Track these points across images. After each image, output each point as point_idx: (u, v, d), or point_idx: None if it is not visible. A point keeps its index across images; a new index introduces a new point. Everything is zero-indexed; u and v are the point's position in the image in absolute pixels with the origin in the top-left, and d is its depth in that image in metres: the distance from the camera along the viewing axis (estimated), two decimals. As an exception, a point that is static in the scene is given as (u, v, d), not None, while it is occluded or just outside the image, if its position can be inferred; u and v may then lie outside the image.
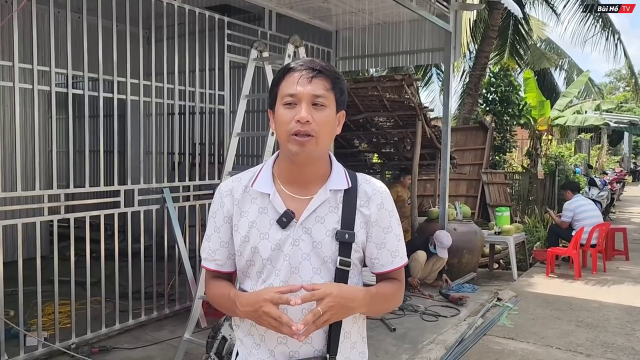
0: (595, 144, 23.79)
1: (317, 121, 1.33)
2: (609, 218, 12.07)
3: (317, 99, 1.34)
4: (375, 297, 1.40)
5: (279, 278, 1.37)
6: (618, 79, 44.72)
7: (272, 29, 5.99)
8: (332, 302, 1.27)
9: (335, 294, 1.28)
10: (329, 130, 1.38)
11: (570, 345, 4.43)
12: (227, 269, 1.48)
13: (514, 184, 11.54)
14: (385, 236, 1.43)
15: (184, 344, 3.86)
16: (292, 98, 1.34)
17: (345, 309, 1.31)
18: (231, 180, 1.48)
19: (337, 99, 1.39)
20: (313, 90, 1.33)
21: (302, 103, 1.33)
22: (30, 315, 4.23)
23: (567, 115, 14.67)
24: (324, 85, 1.35)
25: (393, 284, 1.48)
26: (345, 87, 1.41)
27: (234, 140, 4.12)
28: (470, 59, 14.52)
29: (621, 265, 7.67)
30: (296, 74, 1.35)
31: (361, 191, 1.43)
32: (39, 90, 3.79)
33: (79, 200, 4.17)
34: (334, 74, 1.38)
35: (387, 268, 1.45)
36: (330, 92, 1.36)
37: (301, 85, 1.33)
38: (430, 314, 5.08)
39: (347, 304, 1.31)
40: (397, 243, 1.46)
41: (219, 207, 1.46)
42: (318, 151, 1.36)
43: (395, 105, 6.85)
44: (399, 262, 1.46)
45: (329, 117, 1.36)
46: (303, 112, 1.32)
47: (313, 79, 1.34)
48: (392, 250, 1.45)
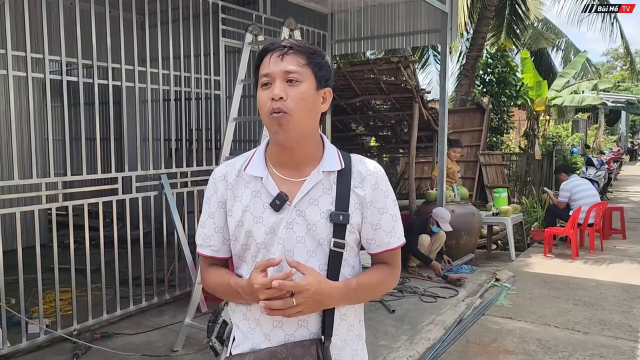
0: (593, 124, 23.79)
1: (290, 97, 1.31)
2: (606, 197, 12.12)
3: (290, 75, 1.32)
4: (356, 290, 1.38)
5: None
6: (615, 58, 44.56)
7: (267, 12, 5.94)
8: (308, 297, 1.27)
9: (313, 290, 1.27)
10: (307, 107, 1.34)
11: (567, 324, 4.48)
12: (223, 254, 1.47)
13: (511, 165, 11.55)
14: (381, 217, 1.42)
15: (185, 328, 3.89)
16: (267, 78, 1.33)
17: (319, 305, 1.31)
18: (224, 165, 1.47)
19: (316, 74, 1.35)
20: (285, 66, 1.32)
21: (276, 81, 1.32)
22: (32, 303, 4.25)
23: (564, 96, 14.62)
24: (297, 61, 1.33)
25: (383, 270, 1.46)
26: (325, 63, 1.38)
27: (231, 125, 4.11)
28: (467, 40, 14.43)
29: (618, 244, 7.72)
30: (269, 54, 1.35)
31: (355, 172, 1.41)
32: (33, 78, 3.76)
33: (76, 188, 4.17)
34: (308, 49, 1.36)
35: (383, 248, 1.44)
36: (305, 67, 1.34)
37: (274, 64, 1.33)
38: (429, 295, 5.12)
39: (322, 301, 1.31)
40: (392, 223, 1.44)
41: (212, 193, 1.45)
42: (297, 128, 1.33)
43: (392, 88, 6.83)
44: (395, 242, 1.45)
45: (305, 93, 1.33)
46: (276, 89, 1.31)
47: (284, 56, 1.33)
48: (388, 231, 1.43)
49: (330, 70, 1.41)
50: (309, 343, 1.35)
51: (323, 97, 1.40)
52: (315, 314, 1.37)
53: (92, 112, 4.22)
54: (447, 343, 4.07)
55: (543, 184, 10.66)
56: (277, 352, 1.34)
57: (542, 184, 10.68)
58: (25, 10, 3.62)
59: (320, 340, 1.36)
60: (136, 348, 3.90)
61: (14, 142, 3.67)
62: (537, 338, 4.17)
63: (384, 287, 1.49)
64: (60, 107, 4.20)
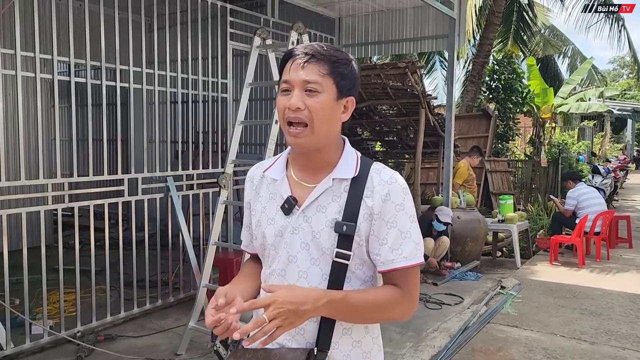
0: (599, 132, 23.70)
1: (309, 107, 1.28)
2: (612, 206, 12.04)
3: (309, 85, 1.28)
4: (343, 303, 1.25)
5: (279, 265, 1.37)
6: (621, 66, 44.42)
7: (275, 16, 5.94)
8: (279, 308, 1.16)
9: (282, 300, 1.16)
10: (326, 117, 1.30)
11: (574, 333, 4.44)
12: (252, 250, 1.53)
13: (517, 172, 11.51)
14: (388, 231, 1.31)
15: (189, 332, 3.87)
16: (287, 85, 1.31)
17: (296, 314, 1.18)
18: (255, 167, 1.51)
19: (338, 84, 1.31)
20: (305, 75, 1.28)
21: (295, 90, 1.30)
22: (36, 303, 4.24)
23: (570, 103, 14.60)
24: (319, 71, 1.29)
25: (387, 291, 1.32)
26: (349, 72, 1.33)
27: (238, 128, 4.10)
28: (474, 46, 14.41)
29: (625, 253, 7.66)
30: (291, 59, 1.32)
31: (369, 181, 1.34)
32: (42, 79, 3.77)
33: (82, 189, 4.17)
34: (332, 57, 1.30)
35: (387, 267, 1.31)
36: (326, 77, 1.29)
37: (294, 71, 1.30)
38: (434, 301, 5.09)
39: (297, 308, 1.18)
40: (400, 240, 1.31)
41: (245, 193, 1.52)
42: (315, 141, 1.30)
43: (398, 93, 6.81)
44: (400, 262, 1.30)
45: (324, 103, 1.29)
46: (293, 98, 1.29)
47: (306, 64, 1.29)
48: (393, 248, 1.30)
49: (355, 79, 1.36)
50: (301, 352, 1.30)
51: (345, 106, 1.36)
52: (313, 323, 1.31)
53: (100, 114, 4.22)
54: (452, 351, 4.04)
55: (549, 192, 10.61)
56: (272, 354, 1.30)
57: (548, 192, 10.64)
58: (35, 11, 3.62)
59: (311, 351, 1.30)
60: (140, 351, 3.89)
61: (21, 143, 3.68)
62: (543, 347, 4.13)
63: (386, 310, 1.32)
64: (68, 108, 4.20)
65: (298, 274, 1.34)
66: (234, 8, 5.23)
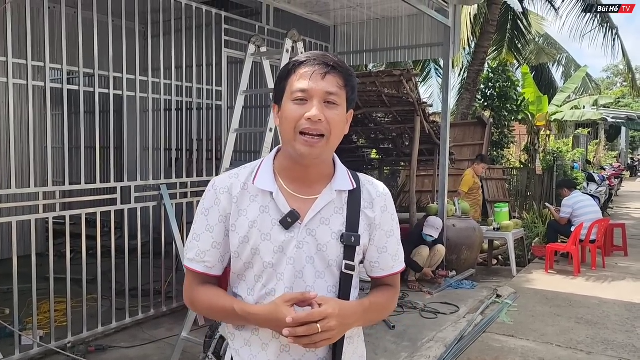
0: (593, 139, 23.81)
1: (329, 120, 1.26)
2: (607, 214, 12.06)
3: (330, 97, 1.26)
4: (369, 310, 1.36)
5: (283, 283, 1.29)
6: (615, 74, 44.73)
7: (270, 23, 5.94)
8: (334, 323, 1.21)
9: (337, 314, 1.22)
10: (340, 130, 1.31)
11: (570, 343, 4.41)
12: (216, 272, 1.37)
13: (512, 180, 11.52)
14: (388, 240, 1.40)
15: (181, 342, 3.82)
16: (304, 94, 1.26)
17: (345, 327, 1.27)
18: (227, 177, 1.36)
19: (349, 98, 1.32)
20: (326, 87, 1.26)
21: (314, 100, 1.25)
22: (27, 313, 4.18)
23: (564, 111, 14.66)
24: (337, 83, 1.27)
25: (387, 291, 1.43)
26: (356, 85, 1.34)
27: (232, 136, 4.07)
28: (469, 54, 14.47)
29: (620, 261, 7.65)
30: (308, 68, 1.27)
31: (365, 193, 1.38)
32: (34, 86, 3.73)
33: (74, 198, 4.12)
34: (347, 70, 1.31)
35: (387, 272, 1.42)
36: (343, 89, 1.29)
37: (314, 81, 1.25)
38: (429, 311, 5.06)
39: (347, 323, 1.27)
40: (397, 247, 1.43)
41: (213, 205, 1.34)
42: (327, 152, 1.31)
43: (393, 101, 6.81)
44: (399, 266, 1.43)
45: (341, 116, 1.29)
46: (315, 110, 1.24)
47: (327, 75, 1.26)
48: (393, 255, 1.41)
49: (356, 93, 1.38)
50: None
51: (347, 119, 1.36)
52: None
53: (93, 121, 4.18)
54: (448, 361, 4.00)
55: (544, 199, 10.62)
56: None
57: (543, 199, 10.64)
58: (27, 18, 3.59)
59: None
60: (131, 362, 3.84)
61: (12, 151, 3.63)
62: (539, 357, 4.10)
63: (388, 309, 1.46)
64: (60, 116, 4.17)
65: (305, 289, 1.30)
66: (229, 16, 5.22)
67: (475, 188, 7.70)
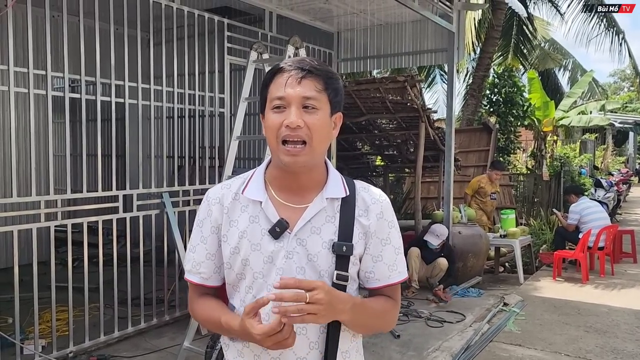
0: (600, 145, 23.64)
1: (309, 125, 1.23)
2: (616, 220, 11.93)
3: (308, 101, 1.23)
4: (362, 308, 1.28)
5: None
6: (622, 79, 44.51)
7: (273, 30, 5.92)
8: (322, 295, 1.14)
9: (327, 289, 1.16)
10: (323, 135, 1.27)
11: (579, 352, 4.33)
12: (213, 283, 1.37)
13: (518, 186, 11.43)
14: (383, 248, 1.33)
15: (183, 352, 3.78)
16: (281, 101, 1.24)
17: (332, 309, 1.17)
18: (220, 187, 1.37)
19: (332, 100, 1.28)
20: (303, 91, 1.23)
21: (292, 106, 1.23)
22: (29, 322, 4.15)
23: (571, 116, 14.55)
24: (315, 86, 1.24)
25: (386, 300, 1.36)
26: (340, 87, 1.30)
27: (234, 143, 4.05)
28: (474, 59, 14.43)
29: (629, 268, 7.55)
30: (285, 74, 1.25)
31: (359, 200, 1.33)
32: (35, 95, 3.72)
33: (76, 206, 4.10)
34: (327, 73, 1.27)
35: (383, 283, 1.34)
36: (322, 93, 1.25)
37: (290, 87, 1.23)
38: (435, 319, 4.99)
39: (335, 304, 1.18)
40: (395, 256, 1.35)
41: (206, 216, 1.35)
42: (313, 159, 1.26)
43: (398, 107, 6.77)
44: (396, 277, 1.35)
45: (322, 120, 1.25)
46: (292, 116, 1.22)
47: (302, 79, 1.23)
48: (389, 264, 1.34)
49: (343, 94, 1.33)
50: None
51: (334, 122, 1.32)
52: (315, 352, 1.28)
53: (95, 129, 4.17)
54: (454, 371, 3.94)
55: (551, 205, 10.52)
56: None
57: (550, 205, 10.55)
58: (29, 26, 3.59)
59: None
60: (133, 372, 3.80)
61: (13, 159, 3.62)
62: (547, 367, 4.02)
63: (385, 319, 1.38)
64: (62, 124, 4.16)
65: None
66: (232, 23, 5.21)
67: (482, 193, 7.63)
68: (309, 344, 1.27)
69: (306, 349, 1.27)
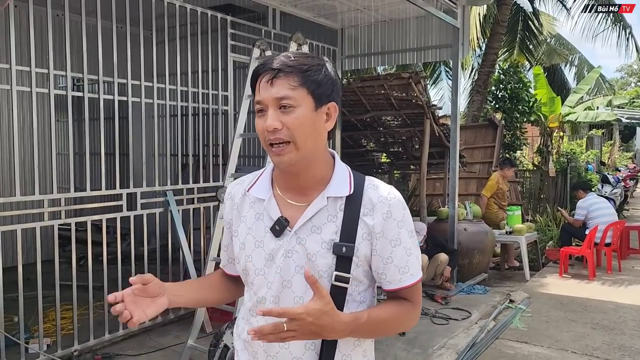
0: (607, 140, 23.47)
1: (287, 125, 1.20)
2: (623, 216, 11.84)
3: (282, 101, 1.20)
4: (366, 325, 1.22)
5: (271, 292, 1.27)
6: (629, 74, 44.13)
7: (277, 27, 5.89)
8: (303, 326, 1.12)
9: (310, 321, 1.12)
10: (308, 131, 1.21)
11: (586, 349, 4.29)
12: (228, 271, 1.47)
13: (524, 182, 11.35)
14: (393, 249, 1.26)
15: (187, 350, 3.78)
16: (260, 105, 1.23)
17: (316, 335, 1.16)
18: (235, 183, 1.42)
19: (314, 93, 1.22)
20: (275, 92, 1.20)
21: (269, 109, 1.21)
22: (34, 321, 4.16)
23: (578, 112, 14.45)
24: (289, 84, 1.20)
25: (401, 305, 1.30)
26: (324, 77, 1.23)
27: (237, 141, 4.03)
28: (480, 55, 14.35)
29: (637, 265, 7.49)
30: (260, 77, 1.24)
31: (366, 198, 1.27)
32: (38, 93, 3.72)
33: (80, 205, 4.10)
34: (301, 67, 1.21)
35: (395, 286, 1.29)
36: (299, 88, 1.20)
37: (264, 90, 1.22)
38: (440, 317, 4.96)
39: (320, 332, 1.15)
40: (406, 258, 1.27)
41: (223, 210, 1.49)
42: (301, 157, 1.22)
43: (402, 104, 6.73)
44: (408, 279, 1.28)
45: (301, 117, 1.20)
46: (268, 119, 1.21)
47: (274, 79, 1.20)
48: (400, 266, 1.27)
49: (333, 83, 1.26)
50: None
51: (327, 114, 1.26)
52: (312, 352, 1.26)
53: (98, 128, 4.16)
54: (459, 369, 3.91)
55: (557, 202, 10.45)
56: None
57: (557, 202, 10.48)
58: (31, 24, 3.58)
59: None
60: (137, 370, 3.79)
61: (16, 158, 3.62)
62: (554, 364, 3.99)
63: (400, 325, 1.34)
64: (65, 122, 4.16)
65: (294, 300, 1.25)
66: (235, 20, 5.19)
67: (500, 194, 7.55)
68: (305, 344, 1.26)
69: (302, 350, 1.26)
